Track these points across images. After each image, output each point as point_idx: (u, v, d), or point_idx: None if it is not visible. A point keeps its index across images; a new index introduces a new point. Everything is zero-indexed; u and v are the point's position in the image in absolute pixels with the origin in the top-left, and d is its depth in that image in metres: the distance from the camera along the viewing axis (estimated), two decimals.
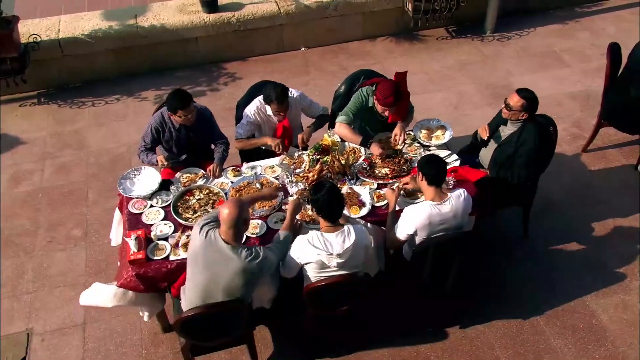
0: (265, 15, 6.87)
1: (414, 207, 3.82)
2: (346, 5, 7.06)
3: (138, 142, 5.82)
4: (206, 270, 3.43)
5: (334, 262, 3.57)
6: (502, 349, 4.24)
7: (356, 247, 3.59)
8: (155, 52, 6.80)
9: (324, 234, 3.59)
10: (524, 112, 4.35)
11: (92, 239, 5.11)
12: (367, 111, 4.70)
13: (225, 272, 3.41)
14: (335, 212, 3.61)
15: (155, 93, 6.65)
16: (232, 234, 3.41)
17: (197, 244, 3.46)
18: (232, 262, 3.40)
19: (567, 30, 7.54)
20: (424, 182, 3.78)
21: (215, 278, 3.42)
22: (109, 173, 5.72)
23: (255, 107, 4.66)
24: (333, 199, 3.58)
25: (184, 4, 6.97)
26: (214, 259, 3.41)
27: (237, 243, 3.45)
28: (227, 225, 3.39)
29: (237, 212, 3.38)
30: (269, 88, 4.46)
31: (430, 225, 3.74)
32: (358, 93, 4.72)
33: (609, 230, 5.03)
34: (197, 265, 3.46)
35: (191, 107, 4.37)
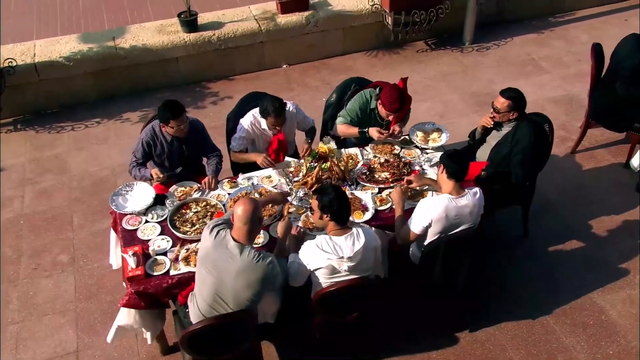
0: (246, 33, 6.82)
1: (430, 198, 3.76)
2: (326, 20, 7.07)
3: (122, 164, 5.80)
4: (215, 270, 3.29)
5: (344, 266, 3.45)
6: (515, 350, 4.15)
7: (366, 250, 3.49)
8: (135, 73, 6.67)
9: (332, 238, 3.48)
10: (512, 111, 4.36)
11: (80, 264, 4.88)
12: (367, 113, 4.67)
13: (233, 270, 3.26)
14: (344, 213, 3.51)
15: (137, 115, 6.50)
16: (246, 231, 3.29)
17: (207, 244, 3.34)
18: (240, 260, 3.25)
19: (543, 39, 7.68)
20: (443, 174, 3.72)
21: (223, 278, 3.27)
22: (94, 196, 5.52)
23: (250, 121, 4.55)
24: (341, 200, 3.48)
25: (162, 24, 6.88)
26: (223, 258, 3.28)
27: (249, 242, 3.33)
28: (242, 222, 3.27)
29: (253, 208, 3.29)
30: (266, 101, 4.36)
31: (446, 218, 3.66)
32: (360, 95, 4.69)
33: (607, 228, 5.03)
34: (206, 265, 3.32)
35: (184, 117, 4.25)
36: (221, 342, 3.42)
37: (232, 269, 3.26)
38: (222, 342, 3.43)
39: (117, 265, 4.41)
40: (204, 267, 3.34)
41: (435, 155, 4.53)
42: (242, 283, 3.27)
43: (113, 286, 4.67)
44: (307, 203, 4.13)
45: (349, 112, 4.69)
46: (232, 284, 3.27)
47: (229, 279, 3.26)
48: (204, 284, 3.34)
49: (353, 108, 4.68)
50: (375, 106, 4.63)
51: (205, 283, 3.34)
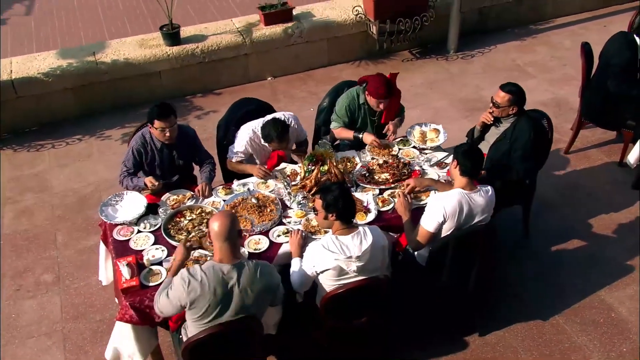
0: (230, 45, 6.70)
1: (442, 194, 3.64)
2: (311, 31, 6.99)
3: (107, 179, 5.60)
4: (216, 305, 3.04)
5: (353, 267, 3.29)
6: (527, 351, 4.01)
7: (374, 249, 3.33)
8: (117, 88, 6.48)
9: (338, 237, 3.32)
10: (512, 106, 4.29)
11: (65, 283, 4.63)
12: (358, 109, 4.58)
13: (237, 290, 3.04)
14: (350, 211, 3.36)
15: (121, 131, 6.30)
16: (228, 248, 3.06)
17: (193, 286, 3.01)
18: (243, 277, 3.05)
19: (526, 45, 7.71)
20: (457, 170, 3.60)
21: (227, 305, 3.06)
22: (78, 213, 5.28)
23: (249, 138, 4.36)
24: (346, 198, 3.34)
25: (143, 39, 6.73)
26: (224, 288, 3.03)
27: (236, 257, 3.11)
28: (221, 239, 3.04)
29: (229, 222, 3.06)
30: (269, 126, 4.16)
31: (461, 213, 3.53)
32: (346, 93, 4.61)
33: (608, 226, 4.96)
34: (200, 306, 3.03)
35: (171, 120, 4.08)
36: (226, 354, 3.20)
37: (235, 290, 3.05)
38: (227, 354, 3.21)
39: (107, 280, 4.20)
40: (198, 311, 3.06)
41: (434, 155, 4.43)
42: (249, 297, 3.07)
43: (102, 304, 4.43)
44: (306, 207, 3.98)
45: (340, 115, 4.59)
46: (237, 302, 3.06)
47: (233, 304, 3.05)
48: (204, 322, 3.10)
49: (342, 108, 4.58)
50: (364, 100, 4.54)
51: (206, 321, 3.09)
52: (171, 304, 3.09)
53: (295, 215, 3.94)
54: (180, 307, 3.08)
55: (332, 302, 3.33)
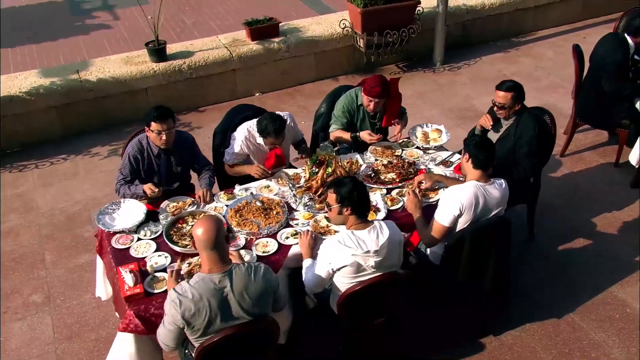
0: (217, 60, 6.61)
1: (455, 187, 3.53)
2: (298, 46, 6.95)
3: (95, 197, 5.40)
4: (215, 317, 2.83)
5: (371, 262, 3.14)
6: (546, 351, 3.88)
7: (391, 243, 3.20)
8: (102, 106, 6.31)
9: (354, 232, 3.18)
10: (517, 102, 4.25)
11: (56, 302, 4.37)
12: (356, 110, 4.52)
13: (234, 296, 2.84)
14: (364, 205, 3.23)
15: (107, 149, 6.11)
16: (216, 256, 2.84)
17: (186, 306, 2.78)
18: (236, 282, 2.85)
19: (510, 57, 7.78)
20: (469, 163, 3.51)
21: (226, 315, 2.86)
22: (67, 232, 5.04)
23: (244, 137, 4.25)
24: (361, 190, 3.21)
25: (128, 56, 6.60)
26: (220, 297, 2.83)
27: (226, 264, 2.89)
28: (208, 248, 2.82)
29: (215, 228, 2.84)
30: (266, 121, 4.07)
31: (477, 205, 3.43)
32: (345, 95, 4.56)
33: (611, 224, 4.92)
34: (198, 324, 2.82)
35: (169, 123, 3.94)
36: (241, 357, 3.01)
37: (231, 297, 2.85)
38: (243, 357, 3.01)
39: (107, 295, 3.97)
40: (196, 330, 2.86)
41: (438, 155, 4.36)
42: (247, 302, 2.87)
43: (98, 322, 4.19)
44: (313, 208, 3.85)
45: (338, 116, 4.53)
46: (236, 309, 2.86)
47: (234, 306, 2.86)
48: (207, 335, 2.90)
49: (340, 109, 4.52)
50: (362, 102, 4.47)
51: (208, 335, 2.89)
52: (170, 332, 2.89)
53: (303, 217, 3.80)
54: (180, 331, 2.87)
55: (351, 300, 3.17)
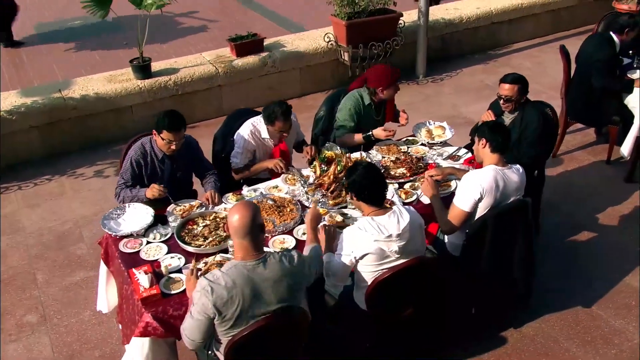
0: (203, 76, 6.52)
1: (474, 171, 3.49)
2: (283, 61, 6.93)
3: (85, 216, 5.20)
4: (248, 307, 2.69)
5: (394, 247, 3.04)
6: (568, 340, 3.82)
7: (413, 227, 3.11)
8: (86, 125, 6.12)
9: (374, 218, 3.08)
10: (523, 95, 4.29)
11: (53, 321, 4.12)
12: (364, 110, 4.47)
13: (268, 284, 2.72)
14: (379, 191, 3.13)
15: (92, 169, 5.89)
16: (250, 243, 2.73)
17: (218, 293, 2.65)
18: (269, 270, 2.73)
19: (490, 68, 7.92)
20: (486, 149, 3.47)
21: (260, 305, 2.72)
22: (59, 251, 4.80)
23: (249, 132, 4.18)
24: (374, 177, 3.13)
25: (112, 75, 6.45)
26: (249, 291, 2.68)
27: (260, 252, 2.78)
28: (241, 235, 2.71)
29: (251, 214, 2.74)
30: (272, 106, 4.03)
31: (497, 188, 3.37)
32: (348, 97, 4.51)
33: (613, 217, 4.95)
34: (230, 313, 2.67)
35: (181, 133, 3.83)
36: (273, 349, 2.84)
37: (265, 286, 2.72)
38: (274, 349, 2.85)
39: (109, 307, 3.76)
40: (227, 321, 2.71)
41: (445, 150, 4.33)
42: (281, 291, 2.75)
43: (100, 339, 3.95)
44: (327, 205, 3.74)
45: (345, 121, 4.45)
46: (270, 298, 2.73)
47: (267, 296, 2.73)
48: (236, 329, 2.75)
49: (347, 114, 4.45)
50: (369, 102, 4.43)
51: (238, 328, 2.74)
52: (198, 324, 2.71)
53: None
54: (209, 322, 2.71)
55: (380, 289, 3.05)
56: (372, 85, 4.39)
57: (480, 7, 8.21)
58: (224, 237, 3.44)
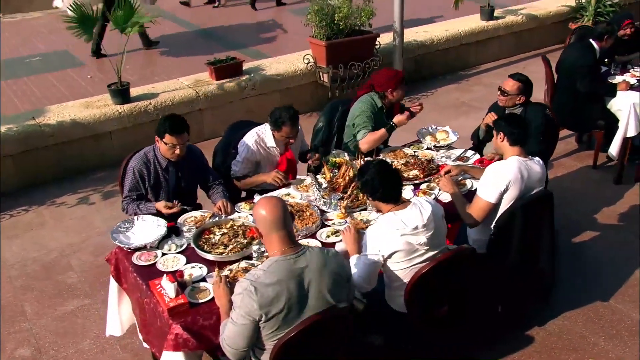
0: (184, 100, 6.36)
1: (497, 163, 3.43)
2: (263, 83, 6.85)
3: (72, 244, 4.95)
4: (296, 302, 2.53)
5: (422, 239, 2.93)
6: (594, 335, 3.77)
7: (436, 218, 3.03)
8: (63, 153, 5.83)
9: (396, 213, 2.98)
10: (520, 95, 4.33)
11: (50, 354, 3.79)
12: (378, 113, 4.43)
13: (315, 276, 2.57)
14: (394, 188, 3.05)
15: (75, 197, 5.59)
16: (286, 236, 2.58)
17: (263, 292, 2.47)
18: (312, 261, 2.58)
19: (463, 87, 8.07)
20: (505, 142, 3.44)
21: (306, 299, 2.56)
22: (46, 280, 4.47)
23: (254, 141, 4.04)
24: (386, 174, 3.05)
25: (88, 101, 6.21)
26: (295, 285, 2.53)
27: (297, 245, 2.63)
28: (278, 226, 2.56)
29: (281, 205, 2.62)
30: (279, 111, 3.93)
31: (522, 179, 3.34)
32: (362, 102, 4.42)
33: (611, 217, 5.01)
34: (277, 311, 2.50)
35: (184, 136, 3.66)
36: (321, 351, 2.66)
37: (309, 278, 2.57)
38: (322, 350, 2.67)
39: (122, 330, 3.50)
40: (273, 323, 2.54)
41: (452, 153, 4.31)
42: (325, 283, 2.59)
43: None
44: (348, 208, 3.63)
45: (365, 122, 4.35)
46: (315, 291, 2.57)
47: (313, 289, 2.57)
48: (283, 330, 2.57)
49: (364, 114, 4.36)
50: (381, 105, 4.40)
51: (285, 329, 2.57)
52: (243, 329, 2.51)
53: (337, 216, 3.57)
54: (255, 326, 2.51)
55: (420, 284, 2.91)
56: (381, 89, 4.35)
57: (448, 29, 8.41)
58: (246, 244, 3.26)
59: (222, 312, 2.79)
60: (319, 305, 2.57)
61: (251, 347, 2.66)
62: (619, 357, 3.61)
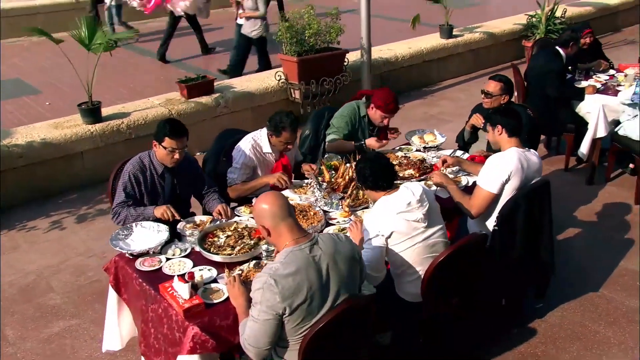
0: (157, 118, 6.21)
1: (497, 154, 3.49)
2: (235, 101, 6.81)
3: (49, 265, 4.77)
4: (317, 290, 2.48)
5: (419, 214, 3.00)
6: (594, 322, 3.84)
7: (428, 195, 3.12)
8: (33, 175, 5.58)
9: (387, 197, 3.07)
10: (504, 94, 4.46)
11: None
12: (358, 122, 4.46)
13: (331, 268, 2.52)
14: (385, 176, 3.12)
15: (47, 221, 5.33)
16: (294, 223, 2.56)
17: (284, 284, 2.41)
18: (325, 248, 2.54)
19: (429, 102, 8.24)
20: (504, 134, 3.51)
21: (327, 286, 2.51)
22: (27, 303, 4.23)
23: (250, 147, 3.99)
24: (378, 163, 3.15)
25: (56, 122, 6.00)
26: (314, 272, 2.48)
27: (307, 233, 2.60)
28: (283, 215, 2.54)
29: (280, 196, 2.65)
30: (279, 116, 3.92)
31: (522, 169, 3.40)
32: (346, 107, 4.48)
33: (589, 214, 5.16)
34: (301, 302, 2.44)
35: (183, 141, 3.59)
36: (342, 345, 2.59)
37: (326, 264, 2.52)
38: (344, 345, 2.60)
39: (122, 343, 3.33)
40: (296, 316, 2.47)
41: (442, 153, 4.36)
42: (341, 268, 2.55)
43: None
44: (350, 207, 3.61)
45: (340, 127, 4.44)
46: (335, 277, 2.52)
47: (332, 274, 2.52)
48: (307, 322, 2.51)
49: (343, 120, 4.44)
50: (365, 114, 4.43)
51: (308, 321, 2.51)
52: (266, 326, 2.44)
53: (340, 215, 3.54)
54: (278, 321, 2.44)
55: (437, 273, 2.91)
56: (376, 104, 4.36)
57: (411, 47, 8.62)
58: (253, 244, 3.18)
59: (239, 312, 2.70)
60: (341, 293, 2.53)
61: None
62: (621, 341, 3.68)
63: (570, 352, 3.61)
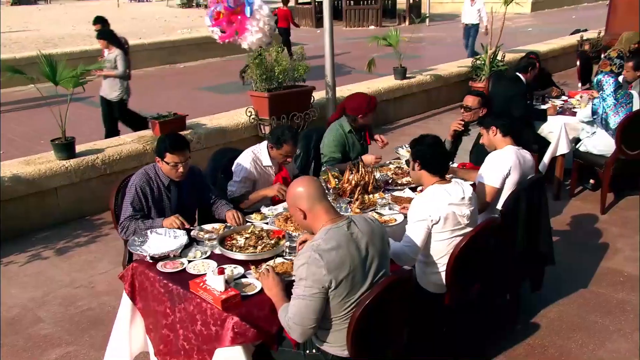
0: (132, 154, 6.16)
1: (495, 152, 3.68)
2: (208, 137, 6.83)
3: (33, 297, 4.60)
4: (360, 264, 2.53)
5: (466, 211, 3.11)
6: (592, 314, 4.03)
7: (474, 197, 3.21)
8: (4, 213, 5.34)
9: (440, 186, 3.15)
10: (482, 107, 4.72)
11: None
12: (345, 139, 4.61)
13: (369, 246, 2.58)
14: (444, 161, 3.25)
15: (24, 256, 5.09)
16: (329, 205, 2.65)
17: (328, 258, 2.45)
18: (364, 228, 2.60)
19: (390, 137, 8.30)
20: (498, 135, 3.72)
21: (366, 261, 2.57)
22: (15, 335, 4.00)
23: (251, 160, 4.04)
24: (441, 147, 3.26)
25: (28, 159, 5.82)
26: (355, 248, 2.54)
27: (341, 215, 2.67)
28: (318, 199, 2.61)
29: (312, 178, 2.77)
30: (281, 128, 4.03)
31: (520, 165, 3.60)
32: (330, 130, 4.68)
33: (563, 223, 5.43)
34: (346, 274, 2.48)
35: (185, 154, 3.59)
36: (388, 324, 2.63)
37: (364, 242, 2.57)
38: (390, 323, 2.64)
39: (131, 355, 3.22)
40: (341, 291, 2.50)
41: None
42: (377, 246, 2.61)
43: None
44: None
45: (329, 152, 4.60)
46: (373, 254, 2.59)
47: (371, 251, 2.59)
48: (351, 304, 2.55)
49: (330, 145, 4.60)
50: (350, 129, 4.58)
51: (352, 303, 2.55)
52: (313, 303, 2.45)
53: None
54: (325, 295, 2.47)
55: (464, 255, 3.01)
56: (353, 113, 4.55)
57: (370, 87, 8.96)
58: (274, 243, 3.20)
59: (276, 302, 2.69)
60: (380, 268, 2.59)
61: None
62: (618, 329, 3.86)
63: (575, 340, 3.75)
